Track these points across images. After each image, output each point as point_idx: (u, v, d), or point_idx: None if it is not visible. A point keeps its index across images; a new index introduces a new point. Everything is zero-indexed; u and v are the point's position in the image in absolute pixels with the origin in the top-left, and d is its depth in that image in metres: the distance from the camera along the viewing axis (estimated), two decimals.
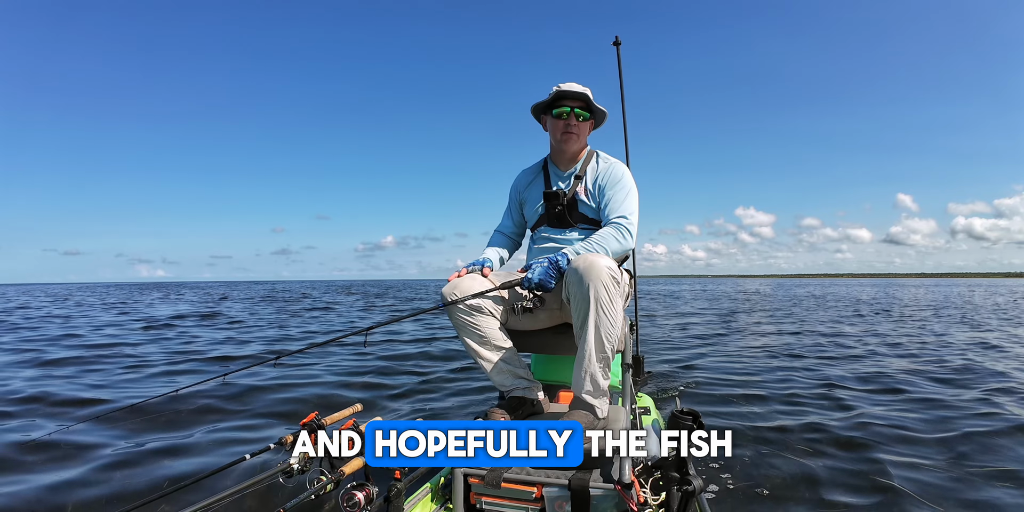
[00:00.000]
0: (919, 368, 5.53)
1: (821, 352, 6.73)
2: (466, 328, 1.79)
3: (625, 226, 1.83)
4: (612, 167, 1.97)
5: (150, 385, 4.89)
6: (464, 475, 1.60)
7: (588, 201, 1.95)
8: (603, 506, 1.50)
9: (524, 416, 1.78)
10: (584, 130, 1.97)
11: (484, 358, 1.81)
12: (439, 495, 1.72)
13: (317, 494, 1.26)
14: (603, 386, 1.66)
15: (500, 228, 2.21)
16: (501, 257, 2.13)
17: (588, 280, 1.56)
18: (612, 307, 1.58)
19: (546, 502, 1.53)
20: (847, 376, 5.09)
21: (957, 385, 4.67)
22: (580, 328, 1.62)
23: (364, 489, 1.33)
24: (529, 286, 1.68)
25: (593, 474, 1.52)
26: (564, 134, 1.94)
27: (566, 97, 1.92)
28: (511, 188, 2.19)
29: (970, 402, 4.01)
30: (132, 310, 16.15)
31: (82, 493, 2.44)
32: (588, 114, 1.95)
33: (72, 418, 3.68)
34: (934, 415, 3.65)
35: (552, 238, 2.00)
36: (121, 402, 4.07)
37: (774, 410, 3.80)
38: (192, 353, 6.82)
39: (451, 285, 1.77)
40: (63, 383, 4.91)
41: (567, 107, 1.92)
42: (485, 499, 1.59)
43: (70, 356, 6.51)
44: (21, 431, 3.37)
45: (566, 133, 1.94)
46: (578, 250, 1.74)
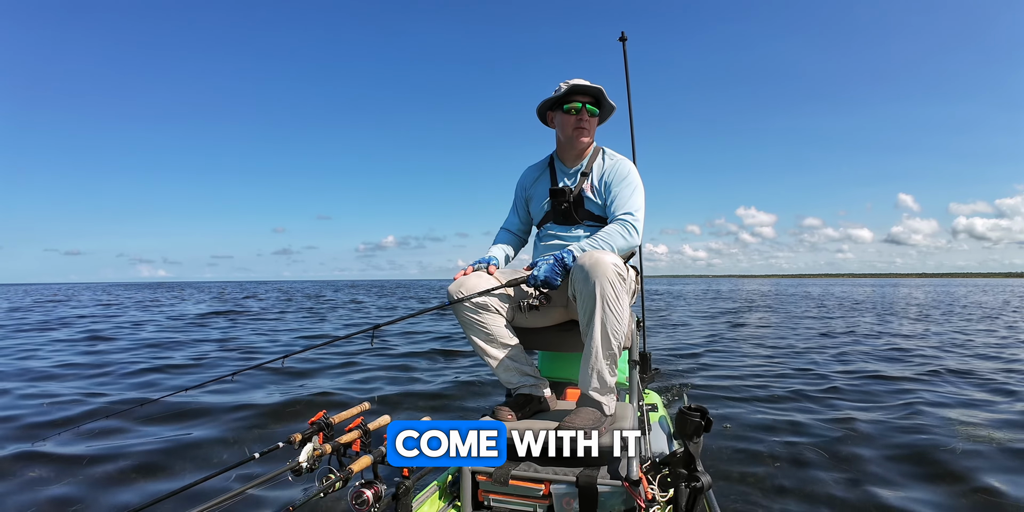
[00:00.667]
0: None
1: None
2: (472, 326, 1.78)
3: (631, 223, 1.81)
4: (618, 163, 1.96)
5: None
6: (472, 472, 1.60)
7: (594, 198, 1.94)
8: (611, 503, 1.50)
9: (531, 414, 1.78)
10: (593, 126, 1.97)
11: (491, 356, 1.81)
12: (447, 492, 1.72)
13: (326, 492, 1.27)
14: (610, 383, 1.65)
15: (506, 225, 2.20)
16: (507, 255, 2.13)
17: (594, 277, 1.55)
18: (618, 304, 1.58)
19: (554, 499, 1.53)
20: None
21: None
22: (586, 325, 1.62)
23: (373, 487, 1.34)
24: (535, 284, 1.68)
25: (601, 471, 1.51)
26: (576, 129, 1.93)
27: (578, 92, 1.91)
28: (517, 185, 2.18)
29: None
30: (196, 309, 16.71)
31: (82, 493, 2.47)
32: (597, 110, 1.94)
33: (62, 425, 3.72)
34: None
35: (558, 235, 2.00)
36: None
37: (791, 407, 3.79)
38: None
39: (457, 283, 1.77)
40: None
41: (578, 103, 1.91)
42: (493, 496, 1.60)
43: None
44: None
45: (578, 128, 1.93)
46: (584, 247, 1.74)
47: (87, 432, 3.29)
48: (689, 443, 1.40)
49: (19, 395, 4.41)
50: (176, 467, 2.76)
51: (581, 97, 1.91)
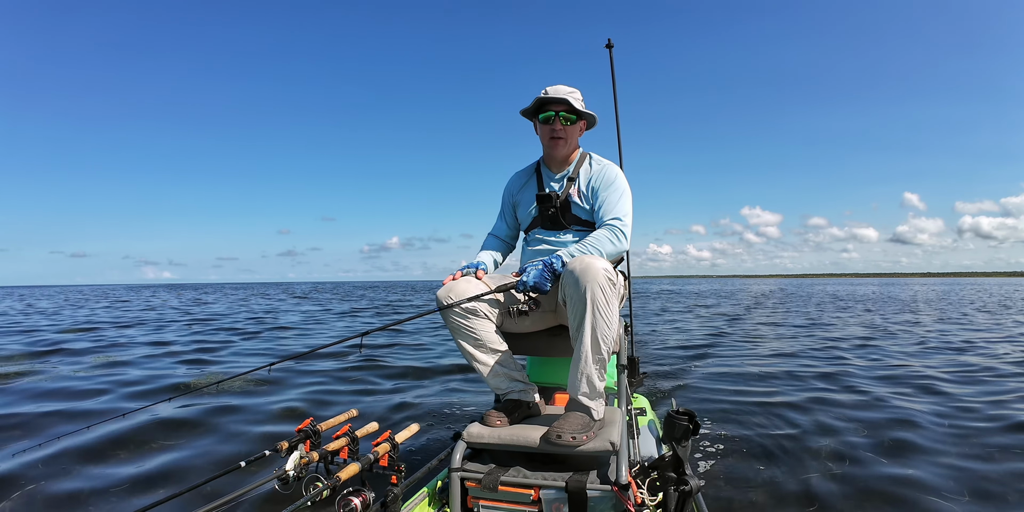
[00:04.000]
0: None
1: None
2: (461, 331, 1.78)
3: (619, 228, 1.83)
4: (605, 169, 1.98)
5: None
6: (461, 479, 1.59)
7: (581, 203, 1.96)
8: (600, 507, 1.50)
9: (520, 419, 1.78)
10: (572, 133, 1.97)
11: (480, 361, 1.81)
12: (436, 499, 1.71)
13: (313, 500, 1.26)
14: (599, 388, 1.66)
15: (494, 231, 2.21)
16: (495, 260, 2.13)
17: (584, 282, 1.56)
18: (608, 309, 1.59)
19: (543, 504, 1.52)
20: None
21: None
22: (576, 330, 1.62)
23: (361, 494, 1.32)
24: (524, 289, 1.69)
25: (590, 476, 1.52)
26: (551, 139, 1.96)
27: (548, 103, 1.93)
28: (504, 191, 2.19)
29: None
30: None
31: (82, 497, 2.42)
32: (575, 117, 1.95)
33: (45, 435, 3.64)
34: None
35: (546, 240, 2.01)
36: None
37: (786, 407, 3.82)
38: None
39: (446, 288, 1.77)
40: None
41: (551, 112, 1.93)
42: (482, 502, 1.59)
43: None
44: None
45: (552, 138, 1.95)
46: (573, 252, 1.75)
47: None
48: (677, 447, 1.41)
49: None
50: (158, 478, 2.70)
51: (554, 106, 1.93)
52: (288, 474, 1.31)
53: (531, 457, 1.67)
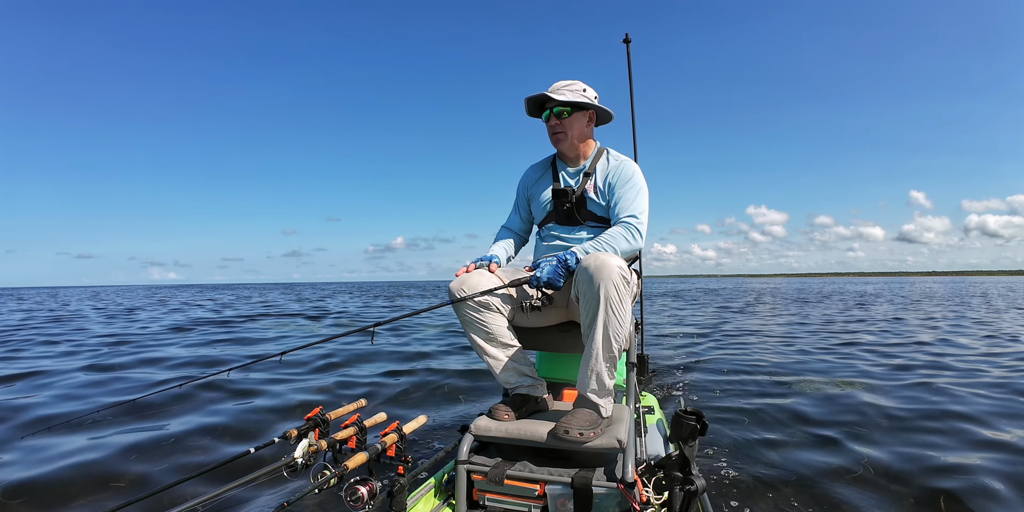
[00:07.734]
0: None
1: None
2: (473, 325, 1.78)
3: (635, 226, 1.81)
4: (623, 165, 1.96)
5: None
6: (467, 471, 1.60)
7: (597, 199, 1.94)
8: (605, 505, 1.50)
9: (528, 414, 1.78)
10: (571, 125, 1.92)
11: (490, 355, 1.81)
12: (442, 491, 1.72)
13: (321, 488, 1.27)
14: (608, 385, 1.65)
15: (507, 224, 2.20)
16: (508, 254, 2.12)
17: (599, 279, 1.54)
18: (622, 307, 1.57)
19: (549, 500, 1.53)
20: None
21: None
22: (588, 327, 1.61)
23: (368, 484, 1.33)
24: (538, 284, 1.67)
25: (596, 473, 1.51)
26: (552, 135, 1.97)
27: (537, 104, 1.96)
28: (519, 184, 2.17)
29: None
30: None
31: (80, 486, 2.47)
32: (570, 109, 1.91)
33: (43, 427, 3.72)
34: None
35: (560, 236, 1.99)
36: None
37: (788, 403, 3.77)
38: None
39: (459, 281, 1.76)
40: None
41: (546, 110, 1.94)
42: (488, 495, 1.60)
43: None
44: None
45: (554, 134, 1.96)
46: (587, 249, 1.73)
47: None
48: (684, 446, 1.40)
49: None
50: (168, 463, 2.75)
51: (547, 104, 1.93)
52: (297, 461, 1.32)
53: (538, 452, 1.67)
